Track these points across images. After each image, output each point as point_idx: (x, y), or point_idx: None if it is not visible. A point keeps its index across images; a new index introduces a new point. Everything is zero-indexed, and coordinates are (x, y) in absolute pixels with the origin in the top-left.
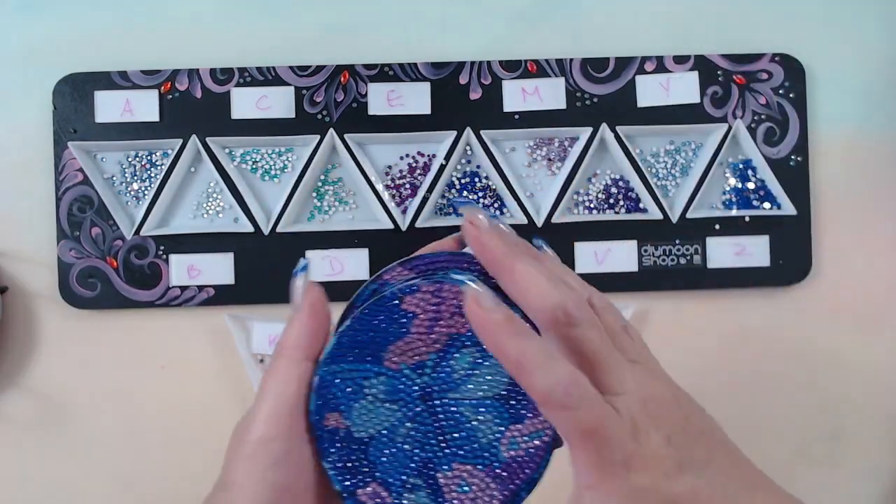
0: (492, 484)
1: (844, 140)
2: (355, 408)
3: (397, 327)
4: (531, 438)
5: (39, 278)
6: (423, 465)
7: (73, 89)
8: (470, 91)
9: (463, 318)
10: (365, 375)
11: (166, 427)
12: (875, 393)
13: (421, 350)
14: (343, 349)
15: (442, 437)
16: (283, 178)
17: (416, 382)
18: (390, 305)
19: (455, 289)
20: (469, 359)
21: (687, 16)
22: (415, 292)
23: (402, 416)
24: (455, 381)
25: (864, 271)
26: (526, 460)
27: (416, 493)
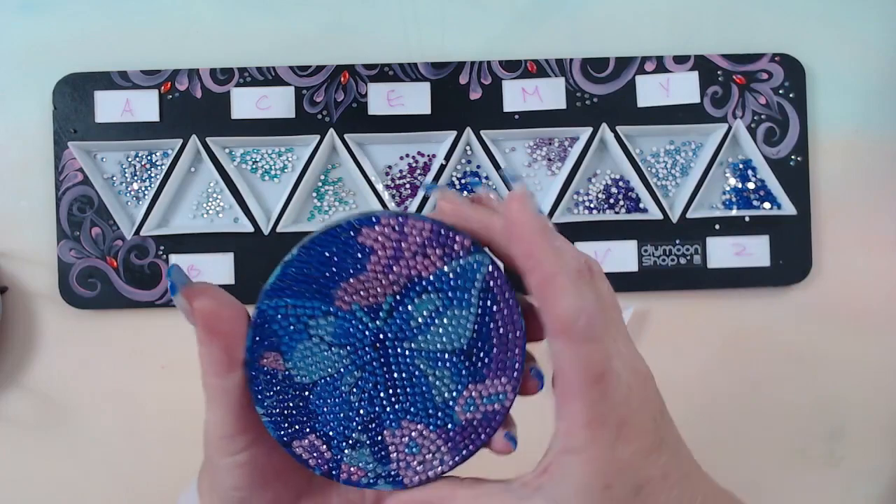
0: (443, 447)
1: (844, 140)
2: (298, 349)
3: (352, 262)
4: (490, 401)
5: (39, 278)
6: (369, 420)
7: (73, 89)
8: (470, 91)
9: (427, 259)
10: (311, 313)
11: (166, 427)
12: (875, 393)
13: (377, 291)
14: (288, 281)
15: (392, 390)
16: (283, 178)
17: (368, 327)
18: (345, 237)
19: (420, 224)
20: (430, 306)
21: (687, 16)
22: (373, 224)
23: (350, 364)
24: (412, 329)
25: (864, 271)
26: (483, 424)
27: (359, 450)
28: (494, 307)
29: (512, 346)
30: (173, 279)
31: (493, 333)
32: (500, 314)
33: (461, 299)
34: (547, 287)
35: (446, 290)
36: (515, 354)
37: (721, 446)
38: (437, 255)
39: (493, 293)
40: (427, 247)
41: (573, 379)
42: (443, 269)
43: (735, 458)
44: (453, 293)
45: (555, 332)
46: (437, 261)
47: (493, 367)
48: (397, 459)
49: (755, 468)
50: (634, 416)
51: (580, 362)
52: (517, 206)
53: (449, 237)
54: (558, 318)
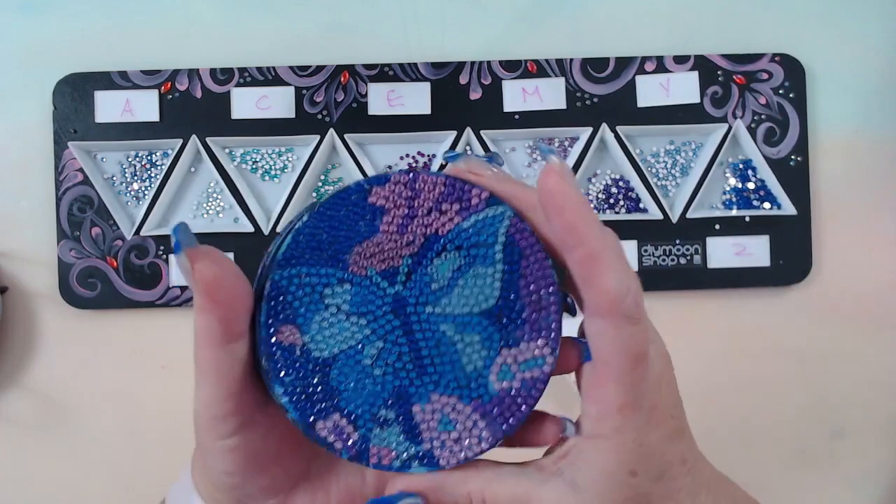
0: (480, 422)
1: (844, 140)
2: (315, 321)
3: (364, 224)
4: (528, 366)
5: (39, 278)
6: (397, 395)
7: (73, 89)
8: (470, 91)
9: (443, 215)
10: (326, 281)
11: (166, 427)
12: (875, 393)
13: (392, 253)
14: (300, 249)
15: (419, 360)
16: (283, 178)
17: (386, 292)
18: (355, 198)
19: (433, 179)
20: (451, 266)
21: (687, 16)
22: (384, 183)
23: (371, 333)
24: (433, 291)
25: (864, 271)
26: (522, 394)
27: (388, 428)
28: (522, 262)
29: (546, 304)
30: (179, 237)
31: (522, 291)
32: (529, 269)
33: (484, 255)
34: (593, 263)
35: (466, 246)
36: (551, 312)
37: (721, 446)
38: (453, 210)
39: (519, 246)
40: (442, 202)
41: (613, 360)
42: (461, 224)
43: (735, 458)
44: (475, 249)
45: (598, 311)
46: (454, 216)
47: (527, 328)
48: (430, 438)
49: (755, 468)
50: (663, 400)
51: (623, 343)
52: (556, 179)
53: (465, 190)
54: (604, 296)
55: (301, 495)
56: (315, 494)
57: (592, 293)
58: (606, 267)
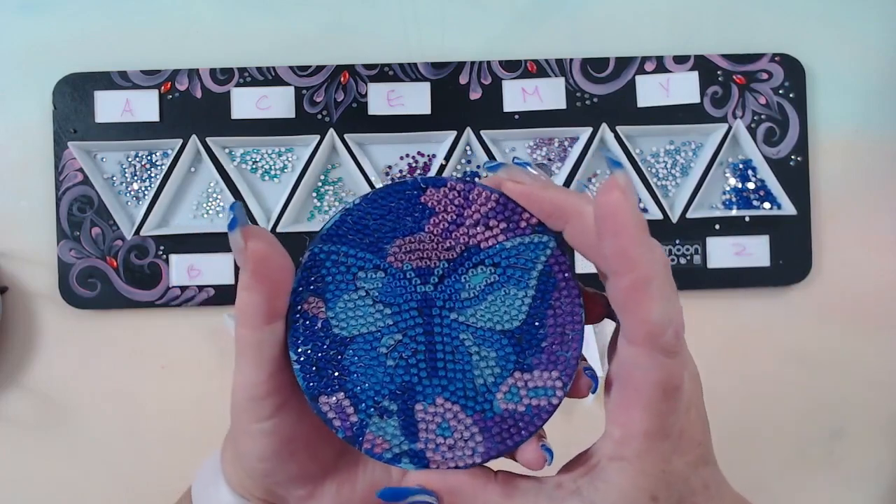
0: (477, 436)
1: (844, 140)
2: (342, 299)
3: (411, 220)
4: (536, 395)
5: (39, 278)
6: (403, 389)
7: (73, 89)
8: (470, 91)
9: (489, 230)
10: (362, 265)
11: (166, 427)
12: (875, 393)
13: (431, 254)
14: (345, 229)
15: (432, 361)
16: (283, 178)
17: (416, 289)
18: (409, 193)
19: (487, 194)
20: (484, 280)
21: (687, 16)
22: (440, 186)
23: (392, 324)
24: (462, 301)
25: (864, 271)
26: (524, 420)
27: (387, 419)
28: (554, 293)
29: (568, 340)
30: (236, 214)
31: (548, 321)
32: (560, 303)
33: (519, 278)
34: (639, 292)
35: (504, 265)
36: (570, 349)
37: (721, 446)
38: (499, 227)
39: (555, 279)
40: (490, 218)
41: (644, 389)
42: (504, 243)
43: (735, 459)
44: (511, 270)
45: (637, 339)
46: (498, 234)
47: (544, 357)
48: (426, 439)
49: (755, 468)
50: (691, 427)
51: (658, 375)
52: (618, 197)
53: (515, 211)
54: (646, 326)
55: (328, 486)
56: (342, 486)
57: (633, 321)
58: (652, 297)
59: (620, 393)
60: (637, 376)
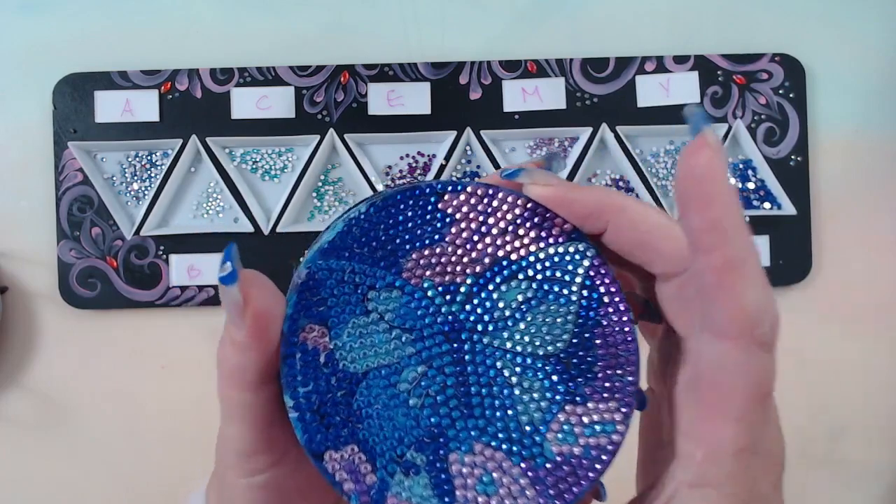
0: (528, 491)
1: (844, 140)
2: (350, 324)
3: (428, 229)
4: (594, 432)
5: (39, 278)
6: (432, 436)
7: (73, 89)
8: (470, 91)
9: (518, 239)
10: (373, 283)
11: (166, 427)
12: (875, 393)
13: (455, 268)
14: (350, 240)
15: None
16: (283, 178)
17: (441, 310)
18: (424, 199)
19: (513, 199)
20: (519, 295)
21: (687, 16)
22: (459, 191)
23: (414, 353)
24: (496, 322)
25: (864, 271)
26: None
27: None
28: (600, 309)
29: (623, 362)
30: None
31: (598, 341)
32: (608, 319)
33: (558, 293)
34: (733, 273)
35: (540, 279)
36: (627, 373)
37: None
38: (530, 236)
39: (599, 291)
40: (519, 225)
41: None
42: (537, 253)
43: None
44: (549, 284)
45: (729, 331)
46: (530, 243)
47: (598, 385)
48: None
49: None
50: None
51: (752, 375)
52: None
53: (546, 217)
54: (739, 314)
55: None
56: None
57: (723, 309)
58: (748, 280)
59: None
60: (725, 379)
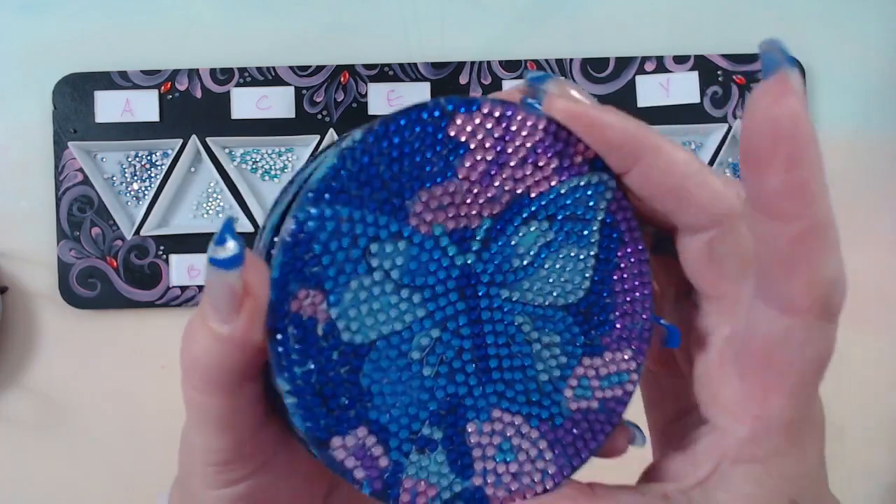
0: (547, 453)
1: (844, 140)
2: (350, 288)
3: (438, 162)
4: (610, 383)
5: (39, 278)
6: (449, 406)
7: (73, 89)
8: (470, 91)
9: (538, 170)
10: (375, 233)
11: (166, 427)
12: (875, 393)
13: (469, 209)
14: (345, 180)
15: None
16: (283, 178)
17: (454, 262)
18: (431, 122)
19: (533, 120)
20: (538, 240)
21: (687, 16)
22: (473, 111)
23: (426, 317)
24: (514, 271)
25: (864, 271)
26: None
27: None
28: (619, 250)
29: (638, 307)
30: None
31: (616, 287)
32: (626, 261)
33: (579, 234)
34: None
35: (561, 217)
36: (642, 318)
37: None
38: (550, 166)
39: (619, 229)
40: (539, 153)
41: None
42: (557, 187)
43: None
44: (569, 224)
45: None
46: (550, 175)
47: (615, 334)
48: (483, 470)
49: None
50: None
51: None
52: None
53: (568, 142)
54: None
55: None
56: None
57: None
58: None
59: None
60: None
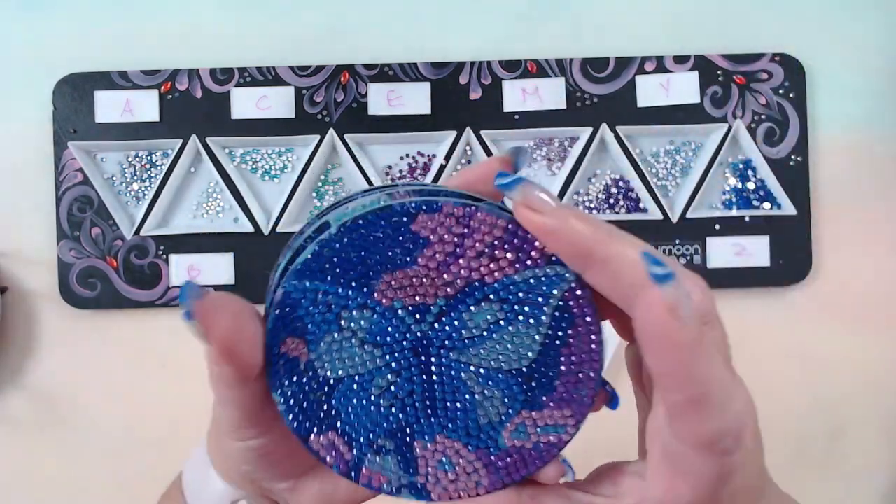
0: (481, 471)
1: (844, 140)
2: (325, 341)
3: (400, 252)
4: (546, 432)
5: (39, 278)
6: (400, 428)
7: (73, 89)
8: (470, 91)
9: (495, 262)
10: (344, 304)
11: (166, 427)
12: (874, 393)
13: (426, 290)
14: (321, 262)
15: (430, 402)
16: (283, 178)
17: (410, 329)
18: (397, 221)
19: (492, 220)
20: (489, 317)
21: (687, 16)
22: (434, 211)
23: (384, 365)
24: (464, 340)
25: (864, 271)
26: (532, 455)
27: (384, 456)
28: (570, 331)
29: (584, 381)
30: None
31: (562, 361)
32: (576, 341)
33: (529, 315)
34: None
35: (513, 301)
36: (587, 388)
37: None
38: (507, 259)
39: (572, 315)
40: (496, 248)
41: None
42: (512, 276)
43: None
44: (520, 307)
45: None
46: (506, 266)
47: (556, 396)
48: (426, 473)
49: None
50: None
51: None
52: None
53: (526, 240)
54: (705, 437)
55: (312, 480)
56: (324, 481)
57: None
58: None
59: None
60: (686, 465)
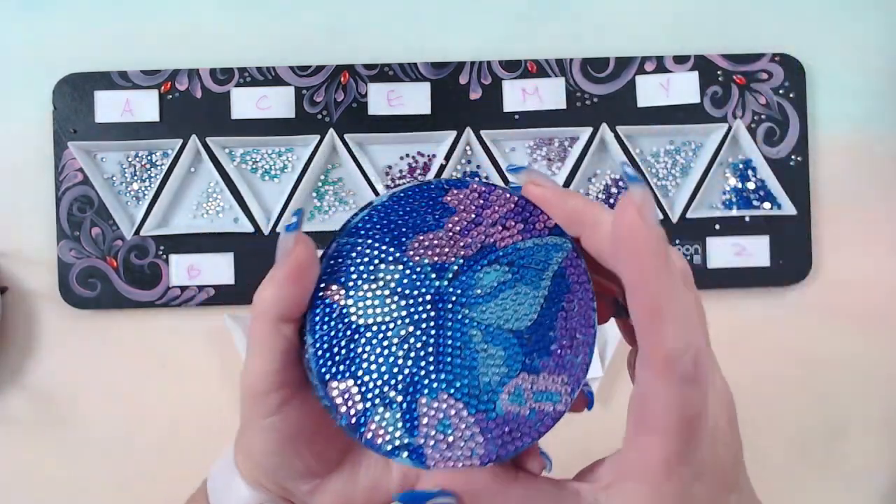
0: (478, 437)
1: (844, 140)
2: (362, 288)
3: (432, 218)
4: (541, 398)
5: (39, 278)
6: (409, 381)
7: (73, 89)
8: (470, 91)
9: (506, 230)
10: (383, 257)
11: (166, 427)
12: (874, 393)
13: (447, 251)
14: (371, 223)
15: (441, 355)
16: (283, 178)
17: (431, 284)
18: (433, 192)
19: (507, 196)
20: (497, 277)
21: (687, 16)
22: (462, 187)
23: (406, 315)
24: (475, 297)
25: (864, 271)
26: (526, 424)
27: (390, 409)
28: (565, 297)
29: (578, 345)
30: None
31: (559, 324)
32: (572, 306)
33: (532, 279)
34: (655, 315)
35: (518, 265)
36: (580, 353)
37: None
38: (516, 228)
39: (569, 281)
40: (508, 218)
41: (661, 417)
42: (519, 243)
43: None
44: (525, 270)
45: (652, 366)
46: (515, 234)
47: (552, 361)
48: (426, 434)
49: (755, 468)
50: (718, 457)
51: (674, 404)
52: (633, 215)
53: (533, 213)
54: (662, 353)
55: (331, 483)
56: (344, 484)
57: (649, 345)
58: (666, 321)
59: (637, 416)
60: (653, 403)
